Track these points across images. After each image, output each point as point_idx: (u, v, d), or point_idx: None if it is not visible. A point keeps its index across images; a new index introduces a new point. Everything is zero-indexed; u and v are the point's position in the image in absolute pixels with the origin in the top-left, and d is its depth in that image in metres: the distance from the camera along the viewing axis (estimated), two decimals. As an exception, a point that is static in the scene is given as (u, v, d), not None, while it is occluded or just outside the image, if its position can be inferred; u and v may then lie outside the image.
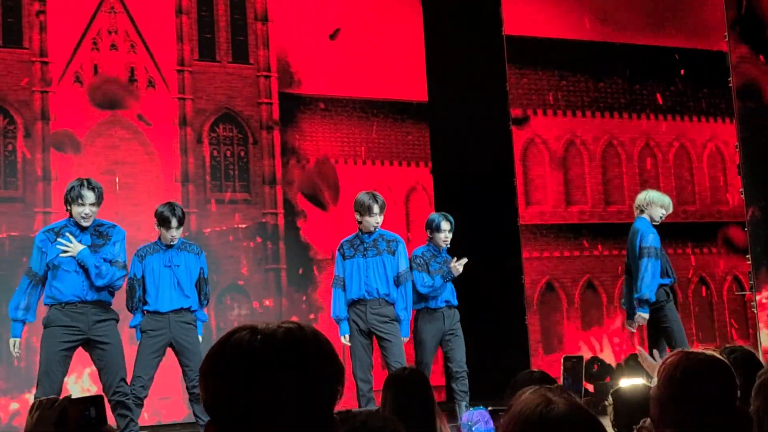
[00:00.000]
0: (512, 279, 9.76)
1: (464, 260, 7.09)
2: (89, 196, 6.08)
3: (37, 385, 6.01)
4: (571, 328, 9.86)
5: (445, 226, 7.29)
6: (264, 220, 9.05)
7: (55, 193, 8.31)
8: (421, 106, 9.75)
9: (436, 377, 7.78)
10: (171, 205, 6.57)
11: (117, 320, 6.21)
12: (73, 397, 2.25)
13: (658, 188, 10.35)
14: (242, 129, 9.13)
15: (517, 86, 10.12)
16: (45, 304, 6.12)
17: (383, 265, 6.78)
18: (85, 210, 6.05)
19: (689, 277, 10.52)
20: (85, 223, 6.09)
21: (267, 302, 8.97)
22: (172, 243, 6.49)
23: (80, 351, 6.16)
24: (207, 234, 8.78)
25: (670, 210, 7.38)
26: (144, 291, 6.50)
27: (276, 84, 9.26)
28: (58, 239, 6.10)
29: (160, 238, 6.55)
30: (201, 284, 6.63)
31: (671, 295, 7.17)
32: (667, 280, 7.11)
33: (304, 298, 9.12)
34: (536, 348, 9.73)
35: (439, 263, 7.18)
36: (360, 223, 6.80)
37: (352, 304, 6.75)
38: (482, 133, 9.77)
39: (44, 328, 6.08)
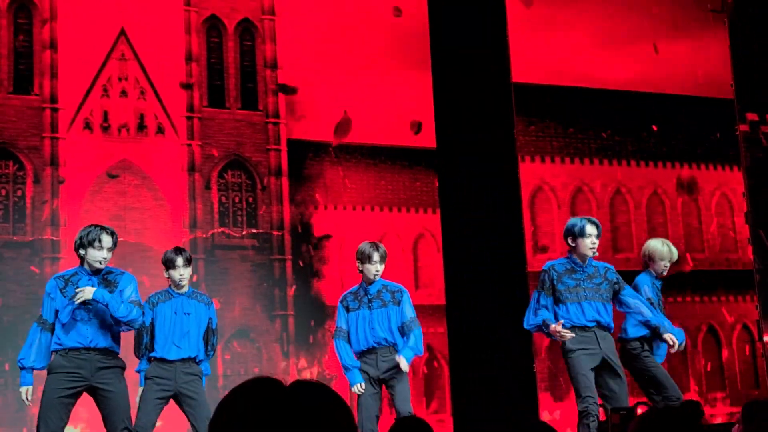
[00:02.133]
0: (520, 326, 9.70)
1: (569, 334, 6.48)
2: (107, 240, 6.08)
3: (36, 429, 5.98)
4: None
5: (591, 230, 6.67)
6: (272, 266, 9.04)
7: (64, 238, 8.32)
8: (429, 152, 9.77)
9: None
10: (176, 248, 6.65)
11: (123, 368, 6.18)
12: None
13: (666, 236, 10.34)
14: (251, 175, 9.15)
15: (524, 133, 10.14)
16: (51, 350, 6.11)
17: (388, 318, 6.71)
18: (103, 254, 6.04)
19: (698, 325, 10.46)
20: (100, 266, 6.07)
21: (275, 349, 8.93)
22: (181, 284, 6.49)
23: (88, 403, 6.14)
24: (214, 280, 8.77)
25: (674, 259, 7.27)
26: (152, 338, 6.48)
27: (284, 130, 9.30)
28: (68, 287, 6.09)
29: (170, 286, 6.56)
30: (209, 335, 6.62)
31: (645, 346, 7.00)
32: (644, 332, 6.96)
33: (311, 344, 9.07)
34: (545, 396, 9.66)
35: (576, 279, 6.67)
36: (361, 272, 6.78)
37: (361, 354, 6.70)
38: (490, 179, 9.79)
39: (48, 374, 6.06)
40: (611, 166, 10.48)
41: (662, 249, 7.15)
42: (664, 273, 7.21)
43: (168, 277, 6.54)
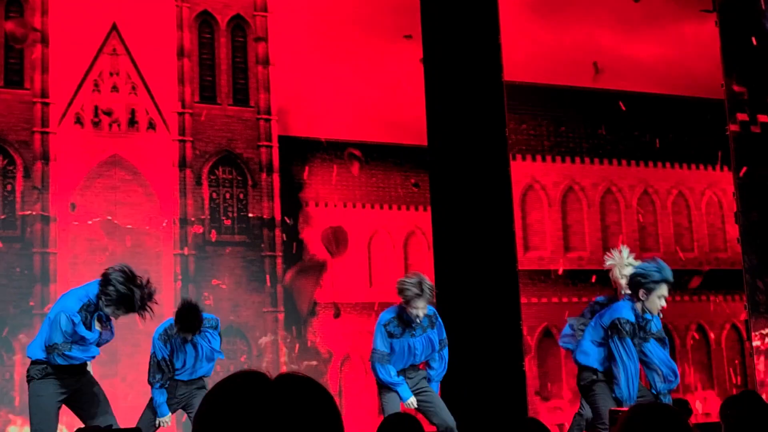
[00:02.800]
0: (510, 324, 9.73)
1: None
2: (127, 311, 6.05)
3: None
4: (570, 375, 9.80)
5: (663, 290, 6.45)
6: (262, 263, 9.03)
7: (53, 233, 8.31)
8: (421, 150, 9.77)
9: None
10: (191, 317, 6.57)
11: None
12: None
13: (656, 235, 10.38)
14: (242, 171, 9.14)
15: (516, 131, 10.16)
16: (43, 360, 6.02)
17: (430, 341, 6.84)
18: (119, 314, 6.02)
19: (687, 324, 10.49)
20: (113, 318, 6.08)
21: (265, 345, 8.93)
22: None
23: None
24: (204, 275, 8.76)
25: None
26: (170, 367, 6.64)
27: (276, 127, 9.29)
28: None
29: None
30: (213, 354, 6.81)
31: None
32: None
33: (300, 341, 9.08)
34: (533, 394, 9.68)
35: (640, 338, 6.48)
36: (406, 304, 6.73)
37: (399, 372, 6.80)
38: (481, 177, 9.80)
39: (37, 379, 6.01)
40: (602, 165, 10.50)
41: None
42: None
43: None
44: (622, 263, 7.02)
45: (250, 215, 9.08)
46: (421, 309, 6.65)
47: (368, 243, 9.49)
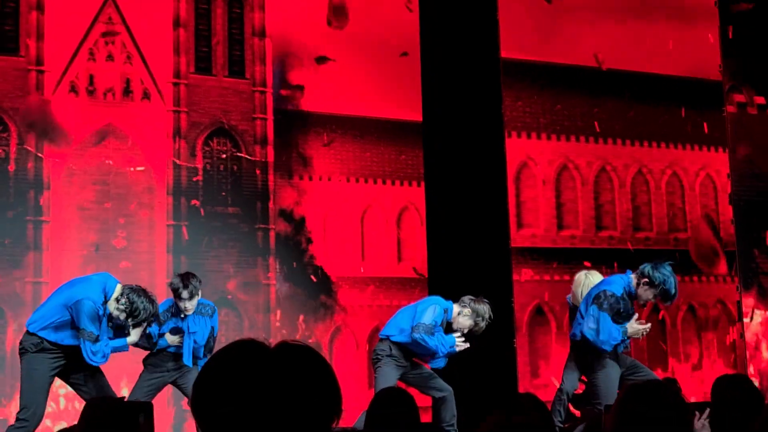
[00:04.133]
0: (502, 301, 9.74)
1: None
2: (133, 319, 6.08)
3: (23, 408, 5.98)
4: (560, 353, 9.84)
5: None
6: (256, 235, 9.03)
7: (46, 201, 8.29)
8: (415, 125, 9.76)
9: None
10: (184, 277, 6.70)
11: None
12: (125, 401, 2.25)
13: (649, 215, 10.40)
14: (236, 143, 9.12)
15: (512, 108, 10.14)
16: (38, 333, 6.03)
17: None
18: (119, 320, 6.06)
19: (678, 305, 10.52)
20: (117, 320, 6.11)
21: (257, 318, 8.94)
22: (186, 312, 6.63)
23: None
24: (197, 247, 8.76)
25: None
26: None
27: (271, 99, 9.26)
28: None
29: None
30: (210, 341, 6.81)
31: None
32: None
33: (291, 314, 9.09)
34: (524, 371, 9.72)
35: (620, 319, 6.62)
36: (460, 316, 6.83)
37: (404, 345, 6.87)
38: (475, 154, 9.79)
39: (31, 352, 6.03)
40: (597, 144, 10.49)
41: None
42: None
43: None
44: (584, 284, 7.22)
45: (244, 187, 9.07)
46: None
47: (361, 217, 9.49)
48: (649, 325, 6.73)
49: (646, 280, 6.50)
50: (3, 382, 7.94)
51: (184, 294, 6.60)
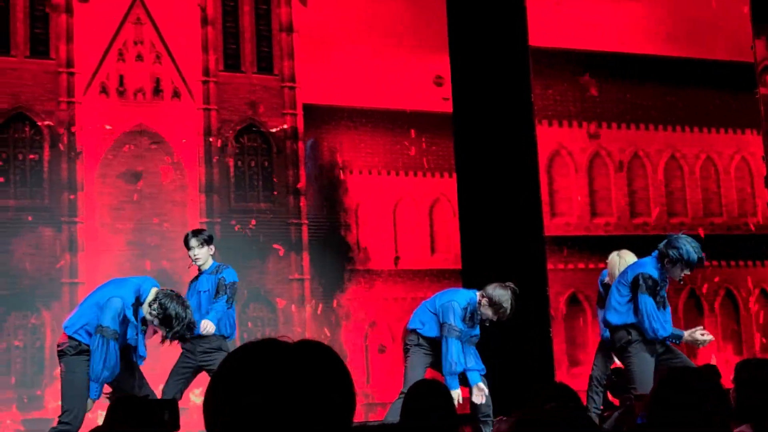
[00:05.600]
0: (537, 291, 9.71)
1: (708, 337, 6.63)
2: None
3: (66, 411, 6.00)
4: (596, 341, 9.79)
5: (695, 266, 6.52)
6: (288, 230, 9.05)
7: (80, 201, 8.37)
8: (445, 116, 9.73)
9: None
10: (195, 229, 6.87)
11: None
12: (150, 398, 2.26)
13: (684, 200, 10.31)
14: (266, 139, 9.15)
15: (542, 97, 10.08)
16: (74, 335, 6.04)
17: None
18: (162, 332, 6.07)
19: (716, 290, 10.42)
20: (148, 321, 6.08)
21: (291, 313, 8.97)
22: (197, 263, 6.64)
23: None
24: (230, 244, 8.79)
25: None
26: None
27: (300, 94, 9.28)
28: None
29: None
30: (219, 290, 6.75)
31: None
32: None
33: (327, 308, 9.11)
34: (561, 360, 9.67)
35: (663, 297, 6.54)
36: (481, 307, 6.76)
37: (433, 340, 6.84)
38: (507, 143, 9.74)
39: (69, 355, 6.03)
40: (629, 130, 10.41)
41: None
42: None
43: None
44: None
45: (275, 183, 9.09)
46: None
47: (393, 210, 9.48)
48: (711, 337, 6.66)
49: (667, 259, 6.44)
50: (42, 383, 8.02)
51: (192, 242, 6.70)
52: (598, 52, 10.38)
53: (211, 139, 8.92)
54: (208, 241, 6.79)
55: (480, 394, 6.77)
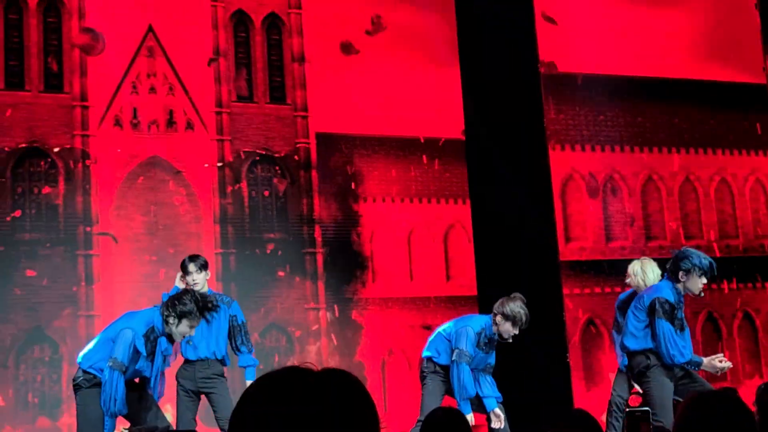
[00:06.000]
0: (553, 316, 9.67)
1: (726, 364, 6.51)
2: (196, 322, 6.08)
3: None
4: (614, 366, 9.73)
5: (710, 273, 6.41)
6: (303, 260, 9.06)
7: (96, 236, 8.39)
8: (458, 143, 9.74)
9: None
10: (192, 255, 6.84)
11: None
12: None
13: (699, 222, 10.27)
14: (280, 169, 9.17)
15: (554, 122, 10.09)
16: (88, 369, 6.03)
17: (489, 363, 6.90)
18: (191, 332, 6.05)
19: (734, 313, 10.36)
20: (178, 339, 6.07)
21: (308, 342, 8.95)
22: (195, 288, 6.60)
23: None
24: (245, 274, 8.80)
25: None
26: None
27: (313, 123, 9.31)
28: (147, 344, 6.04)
29: None
30: (235, 331, 6.72)
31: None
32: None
33: (343, 337, 9.09)
34: (578, 385, 9.61)
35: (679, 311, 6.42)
36: (496, 324, 6.74)
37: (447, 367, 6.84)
38: (520, 168, 9.74)
39: (84, 388, 6.03)
40: (642, 153, 10.39)
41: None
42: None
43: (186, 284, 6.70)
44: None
45: (289, 212, 9.10)
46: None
47: (408, 238, 9.48)
48: (730, 364, 6.59)
49: (681, 273, 6.37)
50: (59, 416, 8.01)
51: (191, 267, 6.66)
52: (611, 75, 10.38)
53: (225, 170, 8.95)
54: (205, 266, 6.80)
55: (497, 420, 6.75)
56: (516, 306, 6.72)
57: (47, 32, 8.65)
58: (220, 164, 8.94)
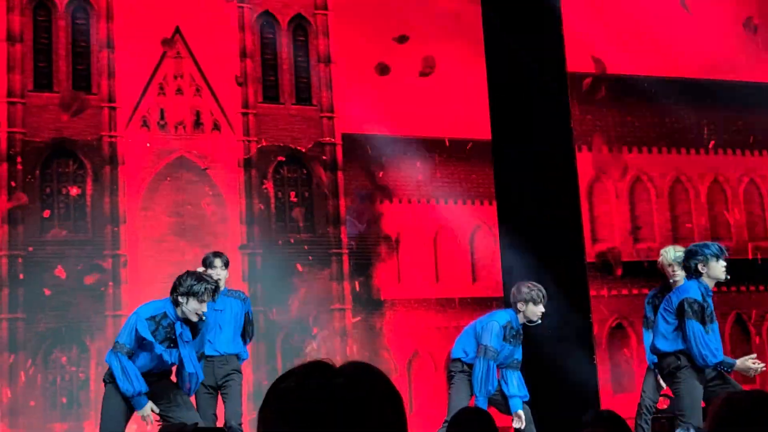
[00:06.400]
0: (580, 317, 9.63)
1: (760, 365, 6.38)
2: (210, 297, 6.06)
3: None
4: (641, 367, 9.67)
5: (722, 252, 6.34)
6: (329, 260, 9.06)
7: (123, 235, 8.43)
8: (484, 144, 9.72)
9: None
10: (215, 251, 6.91)
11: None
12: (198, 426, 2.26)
13: (727, 225, 10.20)
14: (306, 170, 9.18)
15: (581, 123, 10.05)
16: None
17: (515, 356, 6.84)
18: (203, 308, 6.03)
19: (762, 315, 10.26)
20: (193, 319, 6.00)
21: (333, 342, 8.96)
22: (219, 284, 6.60)
23: None
24: (272, 274, 8.81)
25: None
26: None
27: (339, 124, 9.31)
28: (158, 330, 6.03)
29: None
30: (247, 326, 6.83)
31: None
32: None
33: (369, 338, 9.09)
34: (605, 387, 9.56)
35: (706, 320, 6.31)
36: (521, 311, 6.74)
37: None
38: (546, 170, 9.70)
39: (109, 383, 6.03)
40: (670, 154, 10.33)
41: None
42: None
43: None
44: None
45: (316, 213, 9.12)
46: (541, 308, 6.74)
47: (434, 238, 9.46)
48: (763, 365, 6.51)
49: (698, 266, 6.31)
50: (87, 414, 8.05)
51: (217, 262, 6.70)
52: (637, 76, 10.33)
53: (251, 171, 8.97)
54: (228, 264, 6.86)
55: (519, 421, 6.73)
56: (526, 287, 6.75)
57: (75, 34, 8.71)
58: (246, 165, 8.96)
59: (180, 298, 5.90)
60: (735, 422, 2.47)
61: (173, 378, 6.20)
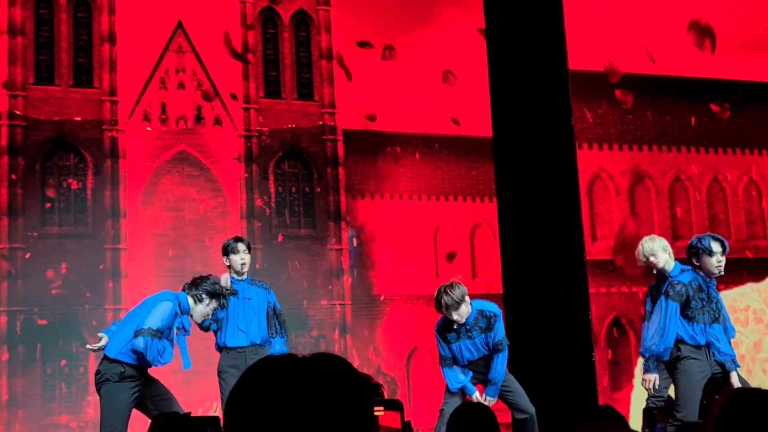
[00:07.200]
0: (579, 315, 9.64)
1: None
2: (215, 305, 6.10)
3: None
4: (640, 364, 9.69)
5: (717, 247, 6.30)
6: (330, 256, 9.08)
7: (124, 229, 8.44)
8: (485, 141, 9.73)
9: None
10: (236, 236, 6.85)
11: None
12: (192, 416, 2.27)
13: (727, 223, 10.21)
14: (307, 165, 9.19)
15: (582, 121, 10.05)
16: (117, 357, 6.03)
17: (488, 343, 6.60)
18: (211, 313, 6.07)
19: None
20: (198, 320, 6.11)
21: (333, 338, 8.97)
22: (243, 270, 6.59)
23: None
24: (271, 269, 8.82)
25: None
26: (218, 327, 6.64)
27: (340, 120, 9.32)
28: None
29: (231, 274, 6.68)
30: (272, 319, 6.73)
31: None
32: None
33: (368, 334, 9.11)
34: (604, 385, 9.58)
35: (703, 300, 6.31)
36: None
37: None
38: (547, 167, 9.72)
39: (113, 381, 6.02)
40: (670, 152, 10.34)
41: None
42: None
43: (228, 265, 6.65)
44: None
45: (316, 208, 9.13)
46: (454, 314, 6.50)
47: (434, 235, 9.48)
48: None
49: (692, 259, 6.33)
50: (86, 408, 8.07)
51: (240, 246, 6.65)
52: (638, 74, 10.34)
53: (252, 166, 8.98)
54: (250, 248, 6.84)
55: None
56: (438, 295, 6.55)
57: (77, 27, 8.72)
58: (247, 160, 8.97)
59: (204, 296, 5.93)
60: (740, 419, 2.46)
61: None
